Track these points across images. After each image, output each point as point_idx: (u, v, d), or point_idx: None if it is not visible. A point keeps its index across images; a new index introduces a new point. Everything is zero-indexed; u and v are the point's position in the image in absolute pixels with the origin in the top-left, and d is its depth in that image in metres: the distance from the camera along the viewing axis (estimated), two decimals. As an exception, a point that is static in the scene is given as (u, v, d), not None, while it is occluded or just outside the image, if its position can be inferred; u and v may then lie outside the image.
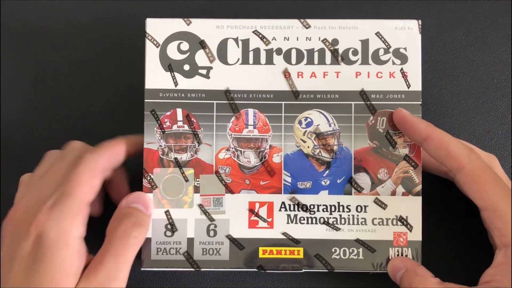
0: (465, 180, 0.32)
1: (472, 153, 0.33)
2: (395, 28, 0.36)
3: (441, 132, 0.33)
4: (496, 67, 0.41)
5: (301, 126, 0.36)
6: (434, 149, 0.33)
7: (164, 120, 0.36)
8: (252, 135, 0.36)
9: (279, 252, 0.35)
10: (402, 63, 0.36)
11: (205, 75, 0.36)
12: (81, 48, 0.42)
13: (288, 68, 0.36)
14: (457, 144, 0.33)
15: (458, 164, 0.32)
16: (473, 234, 0.38)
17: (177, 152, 0.36)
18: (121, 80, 0.41)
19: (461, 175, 0.32)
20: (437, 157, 0.33)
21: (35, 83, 0.41)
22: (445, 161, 0.33)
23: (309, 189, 0.36)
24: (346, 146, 0.36)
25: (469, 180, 0.32)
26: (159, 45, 0.36)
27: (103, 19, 0.42)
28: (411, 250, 0.35)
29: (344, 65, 0.36)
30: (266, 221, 0.36)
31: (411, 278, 0.33)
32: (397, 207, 0.35)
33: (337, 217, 0.36)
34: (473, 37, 0.42)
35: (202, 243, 0.35)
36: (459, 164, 0.32)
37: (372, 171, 0.36)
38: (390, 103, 0.36)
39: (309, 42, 0.36)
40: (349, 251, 0.35)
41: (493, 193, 0.32)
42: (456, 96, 0.41)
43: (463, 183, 0.33)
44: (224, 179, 0.36)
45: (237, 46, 0.36)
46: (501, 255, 0.32)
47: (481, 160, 0.33)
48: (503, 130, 0.41)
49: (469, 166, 0.32)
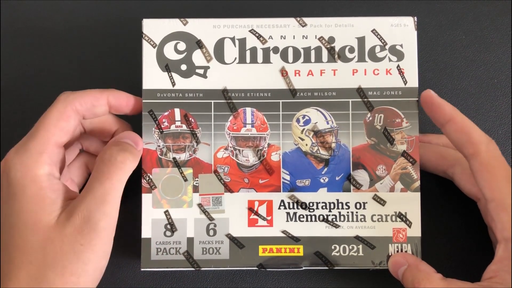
0: (478, 167, 0.32)
1: (491, 143, 0.33)
2: (390, 25, 0.36)
3: (465, 117, 0.33)
4: (496, 67, 0.41)
5: (299, 124, 0.36)
6: (455, 132, 0.33)
7: (162, 120, 0.36)
8: (250, 134, 0.36)
9: (279, 250, 0.35)
10: (398, 60, 0.36)
11: (202, 75, 0.36)
12: (79, 49, 0.42)
13: (285, 66, 0.36)
14: (479, 131, 0.33)
15: (475, 150, 0.32)
16: (472, 229, 0.38)
17: (176, 152, 0.36)
18: (119, 80, 0.41)
19: (475, 161, 0.32)
20: (456, 140, 0.33)
21: (34, 83, 0.41)
22: (464, 145, 0.33)
23: (308, 186, 0.36)
24: (344, 143, 0.36)
25: (482, 168, 0.32)
26: (156, 45, 0.36)
27: (100, 20, 0.42)
28: (411, 246, 0.35)
29: (341, 63, 0.36)
30: (265, 219, 0.36)
31: (413, 274, 0.33)
32: (396, 203, 0.35)
33: (336, 214, 0.36)
34: (473, 37, 0.42)
35: (202, 242, 0.35)
36: (476, 150, 0.32)
37: (370, 168, 0.36)
38: (387, 100, 0.36)
39: (305, 40, 0.36)
40: (348, 248, 0.35)
41: (503, 185, 0.32)
42: (456, 96, 0.41)
43: (475, 170, 0.32)
44: (223, 178, 0.36)
45: (234, 46, 0.36)
46: (502, 249, 0.32)
47: (498, 151, 0.33)
48: (503, 130, 0.41)
49: (485, 155, 0.32)
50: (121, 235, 0.35)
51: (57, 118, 0.33)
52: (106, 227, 0.31)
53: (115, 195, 0.32)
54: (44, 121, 0.33)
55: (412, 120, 0.36)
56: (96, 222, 0.31)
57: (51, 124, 0.33)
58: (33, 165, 0.31)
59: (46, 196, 0.31)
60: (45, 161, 0.32)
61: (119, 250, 0.37)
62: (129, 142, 0.34)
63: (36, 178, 0.31)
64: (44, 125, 0.33)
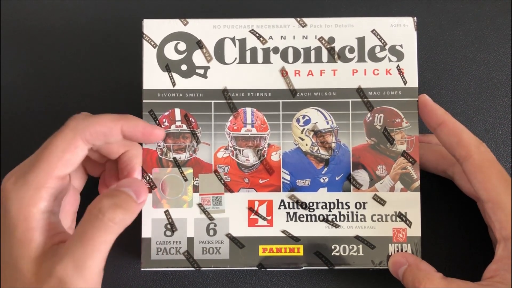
0: (471, 169, 0.33)
1: (482, 145, 0.33)
2: (390, 25, 0.36)
3: (456, 121, 0.34)
4: (496, 67, 0.41)
5: (299, 124, 0.36)
6: (446, 135, 0.34)
7: (163, 120, 0.36)
8: (250, 134, 0.36)
9: (279, 250, 0.35)
10: (398, 60, 0.36)
11: (202, 75, 0.36)
12: (79, 49, 0.42)
13: (285, 66, 0.36)
14: (469, 134, 0.33)
15: (466, 153, 0.33)
16: (472, 228, 0.39)
17: (176, 152, 0.36)
18: (119, 80, 0.41)
19: (468, 164, 0.33)
20: (448, 144, 0.34)
21: (34, 83, 0.41)
22: (455, 148, 0.33)
23: (308, 186, 0.36)
24: (344, 143, 0.36)
25: (475, 170, 0.32)
26: (156, 45, 0.36)
27: (100, 20, 0.42)
28: (411, 245, 0.35)
29: (341, 63, 0.36)
30: (265, 219, 0.36)
31: (414, 274, 0.33)
32: (396, 203, 0.36)
33: (336, 214, 0.36)
34: (473, 37, 0.42)
35: (202, 242, 0.35)
36: (468, 152, 0.33)
37: (370, 167, 0.36)
38: (387, 100, 0.36)
39: (305, 41, 0.36)
40: (348, 247, 0.35)
41: (497, 185, 0.32)
42: (456, 96, 0.41)
43: (469, 173, 0.33)
44: (223, 178, 0.36)
45: (234, 46, 0.36)
46: (501, 248, 0.32)
47: (489, 153, 0.33)
48: (503, 130, 0.41)
49: (477, 156, 0.32)
50: (121, 235, 0.35)
51: (63, 150, 0.30)
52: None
53: (98, 258, 0.28)
54: (48, 151, 0.30)
55: (412, 120, 0.36)
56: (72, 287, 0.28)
57: (55, 155, 0.30)
58: (29, 201, 0.29)
59: (32, 239, 0.29)
60: (42, 197, 0.29)
61: (119, 250, 0.37)
62: (128, 193, 0.31)
63: (29, 216, 0.29)
64: (47, 156, 0.30)
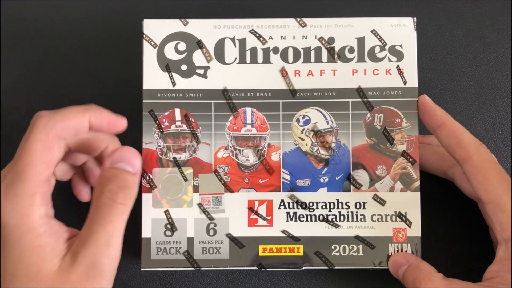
0: (471, 170, 0.32)
1: (482, 146, 0.33)
2: (390, 25, 0.36)
3: (456, 122, 0.34)
4: (496, 67, 0.41)
5: (299, 124, 0.36)
6: (446, 137, 0.34)
7: (163, 120, 0.36)
8: (250, 134, 0.36)
9: (279, 250, 0.35)
10: (398, 60, 0.36)
11: (202, 75, 0.36)
12: (79, 49, 0.42)
13: (285, 66, 0.36)
14: (469, 135, 0.33)
15: (466, 154, 0.33)
16: (472, 229, 0.39)
17: (176, 152, 0.36)
18: (119, 80, 0.41)
19: (468, 165, 0.33)
20: (447, 145, 0.34)
21: (34, 83, 0.41)
22: (455, 150, 0.33)
23: (308, 186, 0.36)
24: (344, 143, 0.36)
25: (476, 171, 0.32)
26: (156, 45, 0.36)
27: (100, 20, 0.42)
28: (411, 245, 0.35)
29: (341, 63, 0.36)
30: (265, 219, 0.36)
31: (414, 274, 0.32)
32: (395, 203, 0.36)
33: (336, 214, 0.36)
34: (473, 37, 0.42)
35: (202, 242, 0.35)
36: (468, 154, 0.33)
37: (370, 167, 0.36)
38: (387, 100, 0.36)
39: (305, 41, 0.37)
40: (348, 247, 0.35)
41: (497, 186, 0.32)
42: (456, 96, 0.41)
43: (469, 174, 0.33)
44: (223, 178, 0.36)
45: (234, 46, 0.37)
46: (502, 250, 0.32)
47: (489, 154, 0.33)
48: (503, 130, 0.41)
49: (477, 158, 0.32)
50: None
51: (41, 150, 0.30)
52: (112, 270, 0.30)
53: (119, 237, 0.31)
54: (27, 157, 0.30)
55: (412, 120, 0.36)
56: (102, 266, 0.30)
57: (36, 159, 0.30)
58: (27, 211, 0.29)
59: (45, 244, 0.30)
60: (38, 203, 0.30)
61: (119, 250, 0.37)
62: (125, 168, 0.32)
63: (32, 225, 0.29)
64: (28, 161, 0.30)
